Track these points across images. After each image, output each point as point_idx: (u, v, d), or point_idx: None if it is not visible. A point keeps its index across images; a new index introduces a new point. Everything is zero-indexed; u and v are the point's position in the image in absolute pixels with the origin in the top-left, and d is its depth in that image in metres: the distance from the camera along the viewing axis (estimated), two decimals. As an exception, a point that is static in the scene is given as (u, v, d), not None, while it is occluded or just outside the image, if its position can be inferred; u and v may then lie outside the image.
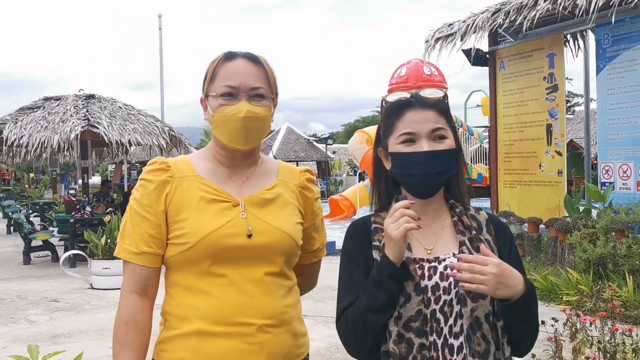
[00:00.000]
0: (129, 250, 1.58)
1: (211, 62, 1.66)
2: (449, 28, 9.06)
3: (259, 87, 1.61)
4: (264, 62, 1.65)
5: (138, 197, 1.61)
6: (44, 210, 16.07)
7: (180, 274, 1.59)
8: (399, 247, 1.37)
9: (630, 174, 7.61)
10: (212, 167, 1.66)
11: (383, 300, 1.39)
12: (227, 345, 1.53)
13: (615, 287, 5.87)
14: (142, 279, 1.59)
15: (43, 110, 11.06)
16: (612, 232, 6.66)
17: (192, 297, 1.56)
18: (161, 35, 20.78)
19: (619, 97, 7.70)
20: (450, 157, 1.48)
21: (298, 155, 31.55)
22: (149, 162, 1.67)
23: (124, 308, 1.58)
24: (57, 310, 6.81)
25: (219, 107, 1.59)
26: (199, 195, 1.59)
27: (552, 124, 8.68)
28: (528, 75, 8.98)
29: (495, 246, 1.47)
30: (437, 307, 1.42)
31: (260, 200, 1.64)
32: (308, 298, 7.56)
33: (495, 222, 1.54)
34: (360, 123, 56.54)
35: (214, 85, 1.61)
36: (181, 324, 1.56)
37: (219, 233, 1.55)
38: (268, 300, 1.58)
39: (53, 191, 20.36)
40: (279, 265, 1.62)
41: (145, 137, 10.66)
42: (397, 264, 1.39)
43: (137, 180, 1.66)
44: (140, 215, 1.59)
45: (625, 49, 7.60)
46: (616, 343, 3.64)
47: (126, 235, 1.60)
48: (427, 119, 1.47)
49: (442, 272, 1.44)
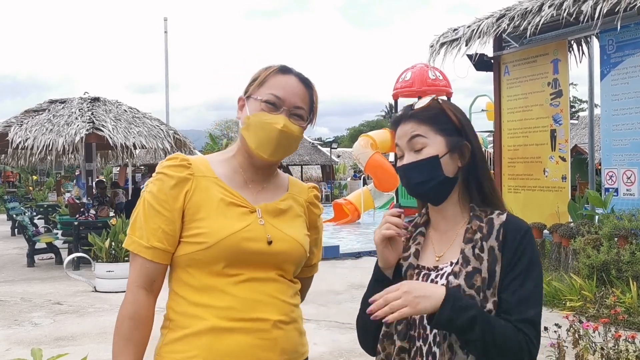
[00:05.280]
0: (139, 243, 1.57)
1: (264, 68, 1.69)
2: (453, 33, 9.06)
3: (302, 107, 1.66)
4: (313, 86, 1.70)
5: (154, 191, 1.59)
6: (48, 213, 16.12)
7: (189, 274, 1.59)
8: (380, 252, 1.48)
9: (634, 179, 7.59)
10: (230, 172, 1.67)
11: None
12: (243, 341, 1.54)
13: (619, 293, 5.86)
14: (150, 274, 1.58)
15: (48, 112, 11.09)
16: (616, 238, 6.64)
17: (204, 296, 1.56)
18: (167, 38, 20.84)
19: (623, 103, 7.70)
20: (431, 165, 1.45)
21: (303, 159, 31.56)
22: (170, 156, 1.66)
23: (131, 303, 1.56)
24: (61, 313, 6.83)
25: (259, 112, 1.62)
26: (218, 197, 1.60)
27: (556, 129, 8.67)
28: (532, 80, 8.97)
29: (499, 252, 1.41)
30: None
31: (276, 210, 1.68)
32: (311, 302, 7.58)
33: (511, 225, 1.44)
34: (365, 127, 56.57)
35: (261, 90, 1.64)
36: (192, 323, 1.55)
37: (239, 236, 1.56)
38: (279, 297, 1.62)
39: (57, 193, 20.42)
40: (289, 273, 1.68)
41: (150, 141, 10.68)
42: (385, 269, 1.49)
43: (155, 173, 1.63)
44: (154, 209, 1.57)
45: (629, 55, 7.60)
46: (619, 350, 3.64)
47: (137, 227, 1.58)
48: (405, 133, 1.48)
49: (432, 280, 1.45)
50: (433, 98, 1.50)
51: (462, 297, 1.34)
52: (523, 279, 1.39)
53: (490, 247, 1.41)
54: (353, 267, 9.76)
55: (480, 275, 1.38)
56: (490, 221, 1.45)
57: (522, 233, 1.43)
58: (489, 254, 1.40)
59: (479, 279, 1.37)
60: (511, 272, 1.39)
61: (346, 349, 5.28)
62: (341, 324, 6.13)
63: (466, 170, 1.50)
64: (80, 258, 9.10)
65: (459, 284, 1.38)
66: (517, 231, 1.43)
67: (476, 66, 9.41)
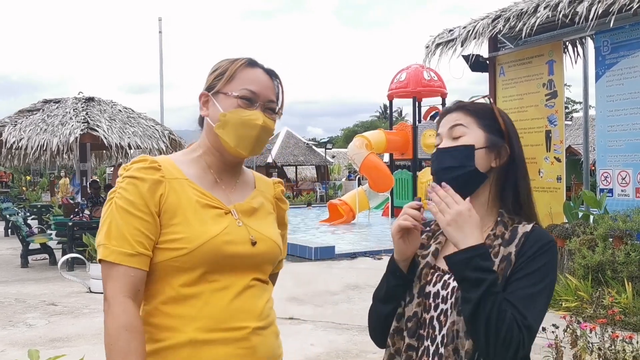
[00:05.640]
0: (121, 251, 1.45)
1: (230, 61, 1.62)
2: (449, 34, 9.07)
3: (274, 101, 1.63)
4: (279, 77, 1.67)
5: (127, 196, 1.49)
6: (42, 213, 16.04)
7: (165, 282, 1.51)
8: (396, 244, 1.46)
9: (629, 180, 7.62)
10: (199, 171, 1.61)
11: (383, 291, 1.50)
12: (223, 352, 1.49)
13: (614, 293, 5.88)
14: (135, 283, 1.47)
15: (42, 112, 11.05)
16: (611, 239, 6.67)
17: (180, 306, 1.49)
18: (161, 38, 20.81)
19: (618, 104, 7.72)
20: (463, 152, 1.44)
21: (297, 159, 31.55)
22: (135, 159, 1.57)
23: (122, 314, 1.43)
24: (56, 314, 6.79)
25: (236, 109, 1.56)
26: (193, 199, 1.53)
27: (551, 130, 8.69)
28: (528, 81, 9.00)
29: (514, 257, 1.37)
30: (435, 314, 1.43)
31: (249, 209, 1.63)
32: (308, 303, 7.57)
33: (533, 235, 1.41)
34: (359, 127, 56.59)
35: (231, 85, 1.58)
36: (169, 335, 1.48)
37: (219, 239, 1.50)
38: (257, 303, 1.58)
39: (51, 194, 20.33)
40: (266, 273, 1.64)
41: (145, 141, 10.66)
42: (400, 261, 1.47)
43: (122, 178, 1.53)
44: (132, 214, 1.47)
45: (624, 56, 7.62)
46: (616, 350, 3.65)
47: (114, 236, 1.47)
48: (449, 120, 1.49)
49: (445, 281, 1.44)
50: (487, 97, 1.52)
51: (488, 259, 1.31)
52: (529, 280, 1.35)
53: (507, 252, 1.39)
54: (349, 267, 9.75)
55: None
56: (514, 230, 1.42)
57: (543, 242, 1.39)
58: (504, 260, 1.38)
59: None
60: (517, 273, 1.36)
61: (343, 349, 5.27)
62: (338, 324, 6.12)
63: (502, 173, 1.48)
64: (74, 259, 9.06)
65: None
66: (537, 240, 1.39)
67: (472, 67, 9.42)
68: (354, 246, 12.13)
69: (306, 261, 10.40)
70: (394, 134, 18.17)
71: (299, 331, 5.88)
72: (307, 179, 34.47)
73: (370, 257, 10.74)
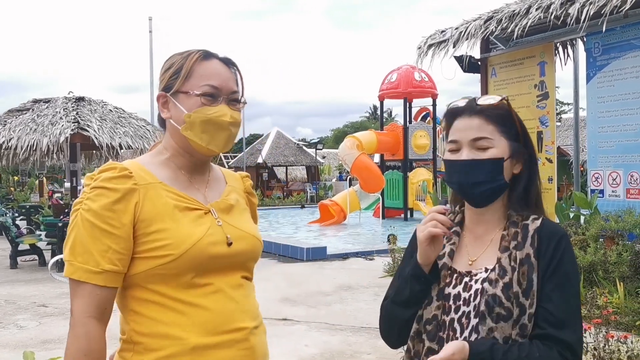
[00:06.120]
0: (86, 269, 1.38)
1: (184, 57, 1.54)
2: (441, 35, 9.09)
3: (236, 91, 1.57)
4: (236, 64, 1.61)
5: (95, 208, 1.40)
6: (30, 214, 15.90)
7: (152, 291, 1.45)
8: (424, 250, 1.42)
9: (620, 181, 7.67)
10: (171, 173, 1.54)
11: (406, 296, 1.46)
12: (226, 356, 1.46)
13: (607, 293, 5.91)
14: (101, 301, 1.40)
15: (32, 112, 10.96)
16: (602, 239, 6.71)
17: (174, 313, 1.44)
18: (151, 37, 20.71)
19: (608, 105, 7.78)
20: (493, 166, 1.40)
21: (288, 160, 31.51)
22: (103, 167, 1.48)
23: (83, 337, 1.38)
24: (47, 316, 6.74)
25: (201, 107, 1.50)
26: (171, 203, 1.47)
27: (542, 131, 8.74)
28: (519, 82, 9.04)
29: (535, 259, 1.37)
30: (455, 316, 1.41)
31: (227, 206, 1.59)
32: (301, 304, 7.56)
33: (546, 230, 1.41)
34: (349, 128, 56.68)
35: (190, 82, 1.51)
36: (168, 343, 1.42)
37: (204, 242, 1.46)
38: (249, 303, 1.56)
39: (40, 194, 20.16)
40: (251, 270, 1.62)
41: (136, 141, 10.59)
42: (424, 265, 1.43)
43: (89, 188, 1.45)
44: (99, 228, 1.39)
45: (615, 58, 7.68)
46: (611, 350, 3.67)
47: (79, 252, 1.39)
48: (470, 127, 1.42)
49: (466, 283, 1.43)
50: (504, 98, 1.46)
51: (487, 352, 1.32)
52: (565, 289, 1.35)
53: (526, 254, 1.38)
54: (340, 268, 9.75)
55: (519, 285, 1.35)
56: (525, 227, 1.42)
57: (558, 238, 1.40)
58: (525, 263, 1.37)
59: (517, 289, 1.35)
60: (549, 281, 1.36)
61: (337, 350, 5.27)
62: (331, 325, 6.11)
63: (517, 177, 1.46)
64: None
65: (495, 293, 1.35)
66: (552, 236, 1.39)
67: (464, 68, 9.45)
68: (346, 247, 12.14)
69: (298, 262, 10.38)
70: (384, 134, 18.20)
71: (292, 332, 5.86)
72: (297, 180, 34.44)
73: (362, 257, 10.74)
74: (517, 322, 1.33)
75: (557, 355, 1.30)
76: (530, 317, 1.33)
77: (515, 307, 1.33)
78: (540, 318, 1.33)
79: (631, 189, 7.54)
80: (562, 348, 1.31)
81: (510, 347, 1.31)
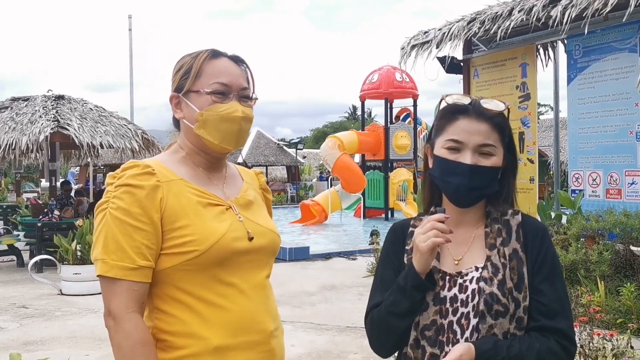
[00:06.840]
0: (122, 266, 1.40)
1: (193, 57, 1.57)
2: (424, 36, 9.14)
3: (247, 87, 1.59)
4: (245, 61, 1.63)
5: (124, 206, 1.42)
6: (7, 214, 15.63)
7: (177, 288, 1.46)
8: (425, 259, 1.39)
9: (600, 181, 7.79)
10: (190, 170, 1.56)
11: (406, 307, 1.43)
12: (244, 358, 1.47)
13: (588, 291, 6.00)
14: (140, 296, 1.42)
15: (11, 110, 10.76)
16: (583, 238, 6.81)
17: (198, 312, 1.45)
18: (131, 36, 20.50)
19: (589, 107, 7.89)
20: (493, 174, 1.45)
21: (268, 159, 31.40)
22: (125, 165, 1.49)
23: (134, 330, 1.39)
24: (27, 317, 6.63)
25: (212, 105, 1.51)
26: (194, 199, 1.49)
27: (524, 132, 8.84)
28: (501, 83, 9.13)
29: (523, 254, 1.43)
30: (454, 318, 1.42)
31: (246, 202, 1.61)
32: (285, 304, 7.52)
33: (528, 225, 1.47)
34: (328, 128, 56.67)
35: (200, 81, 1.53)
36: (190, 342, 1.43)
37: (228, 237, 1.47)
38: (271, 304, 1.57)
39: (17, 194, 19.84)
40: (271, 267, 1.63)
41: (117, 140, 10.46)
42: (423, 274, 1.41)
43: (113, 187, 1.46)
44: (131, 225, 1.41)
45: (595, 60, 7.80)
46: (597, 348, 3.72)
47: (112, 250, 1.40)
48: (478, 132, 1.43)
49: (461, 284, 1.44)
50: (507, 106, 1.48)
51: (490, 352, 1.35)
52: (553, 280, 1.42)
53: (513, 249, 1.43)
54: (323, 268, 9.75)
55: (511, 281, 1.40)
56: (506, 223, 1.47)
57: (542, 233, 1.47)
58: (514, 258, 1.43)
59: (510, 285, 1.39)
60: (538, 273, 1.42)
61: (324, 350, 5.27)
62: (317, 325, 6.11)
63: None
64: (42, 260, 8.85)
65: (492, 291, 1.38)
66: (536, 232, 1.47)
67: (446, 69, 9.52)
68: (328, 247, 12.14)
69: (280, 262, 10.35)
70: (366, 134, 18.25)
71: (278, 332, 5.85)
72: (277, 180, 34.36)
73: (345, 257, 10.76)
74: (513, 317, 1.38)
75: (554, 344, 1.38)
76: (525, 309, 1.39)
77: (510, 302, 1.38)
78: (534, 310, 1.39)
79: (611, 189, 7.67)
80: (559, 336, 1.38)
81: (512, 342, 1.36)
